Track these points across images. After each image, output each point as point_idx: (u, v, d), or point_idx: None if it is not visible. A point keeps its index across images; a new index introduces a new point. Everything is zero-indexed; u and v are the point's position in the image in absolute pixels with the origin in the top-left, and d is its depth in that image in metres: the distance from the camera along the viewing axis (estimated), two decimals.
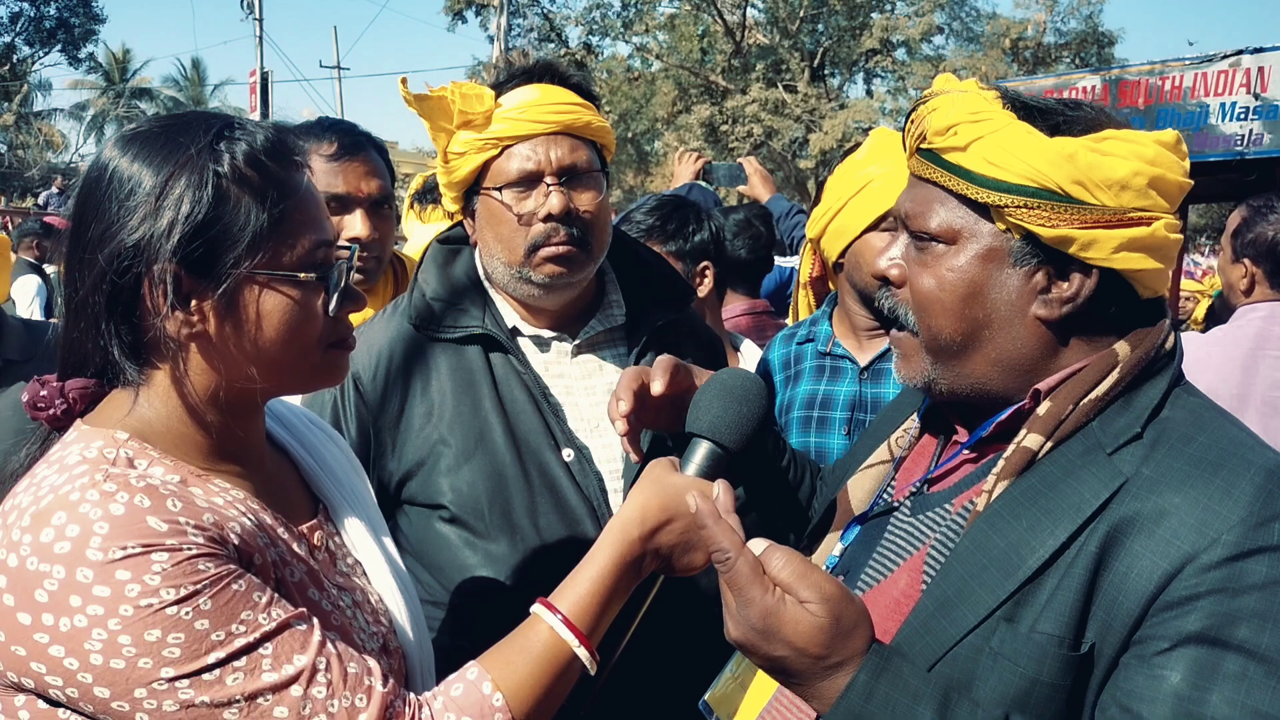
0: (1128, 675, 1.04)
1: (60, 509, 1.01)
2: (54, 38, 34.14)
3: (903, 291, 1.25)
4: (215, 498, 1.14)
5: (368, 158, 2.34)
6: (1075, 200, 1.11)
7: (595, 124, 1.85)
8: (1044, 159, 1.11)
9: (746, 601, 1.06)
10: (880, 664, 1.05)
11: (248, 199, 1.11)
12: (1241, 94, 4.94)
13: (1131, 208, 1.12)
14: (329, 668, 1.08)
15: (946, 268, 1.19)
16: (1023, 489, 1.14)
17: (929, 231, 1.20)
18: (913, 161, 1.25)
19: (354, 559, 1.36)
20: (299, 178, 1.18)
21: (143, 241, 1.08)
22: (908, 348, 1.26)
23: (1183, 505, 1.05)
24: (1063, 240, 1.13)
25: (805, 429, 2.34)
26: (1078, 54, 25.53)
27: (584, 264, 1.82)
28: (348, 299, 1.22)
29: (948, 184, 1.18)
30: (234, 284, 1.12)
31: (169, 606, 1.00)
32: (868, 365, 2.31)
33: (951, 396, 1.25)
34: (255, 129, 1.16)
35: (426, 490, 1.80)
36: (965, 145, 1.15)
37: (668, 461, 1.33)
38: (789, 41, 26.45)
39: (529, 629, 1.22)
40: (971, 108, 1.17)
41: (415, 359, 1.86)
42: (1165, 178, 1.13)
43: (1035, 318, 1.17)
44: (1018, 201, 1.12)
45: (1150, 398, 1.15)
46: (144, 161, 1.10)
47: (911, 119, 1.24)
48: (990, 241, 1.17)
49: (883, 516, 1.35)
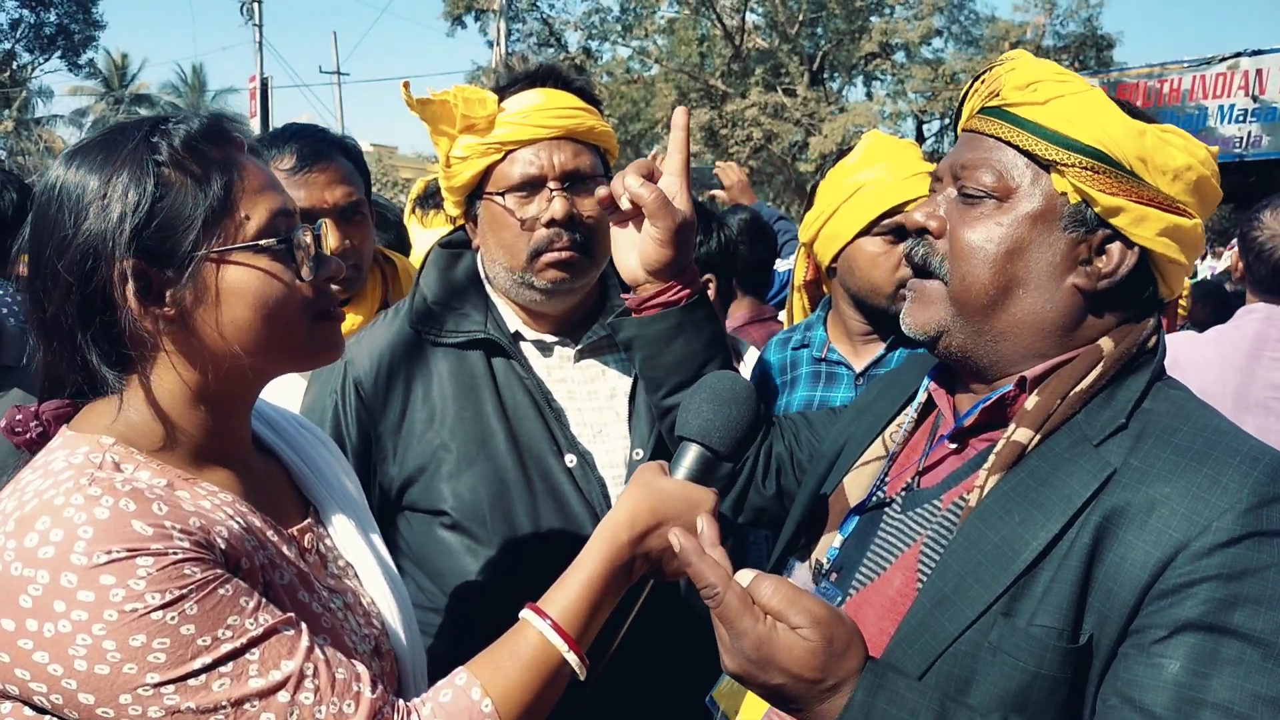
0: (1127, 665, 1.05)
1: (45, 514, 1.01)
2: (54, 44, 34.19)
3: (940, 243, 1.26)
4: (202, 501, 1.14)
5: (329, 165, 2.23)
6: (1136, 175, 1.16)
7: (598, 128, 1.84)
8: (1120, 128, 1.16)
9: (739, 633, 1.07)
10: (876, 681, 1.06)
11: (191, 182, 1.12)
12: (1240, 96, 4.96)
13: (1179, 198, 1.17)
14: (317, 673, 1.07)
15: (995, 221, 1.21)
16: (1013, 484, 1.16)
17: (984, 186, 1.22)
18: (975, 120, 1.27)
19: (345, 561, 1.35)
20: (240, 155, 1.18)
21: (98, 240, 1.09)
22: (931, 295, 1.26)
23: (1173, 495, 1.06)
24: (1116, 210, 1.16)
25: None
26: (1076, 57, 25.52)
27: (586, 270, 1.82)
28: (322, 265, 1.21)
29: (1014, 139, 1.20)
30: (197, 267, 1.12)
31: (154, 611, 0.99)
32: (863, 371, 2.30)
33: (960, 353, 1.26)
34: (189, 118, 1.17)
35: (428, 496, 1.79)
36: (1045, 100, 1.19)
37: (657, 465, 1.32)
38: (788, 45, 26.47)
39: (518, 634, 1.21)
40: (1054, 69, 1.22)
41: (417, 363, 1.86)
42: (1208, 182, 1.20)
43: (1072, 286, 1.20)
44: (1084, 163, 1.16)
45: (1132, 391, 1.18)
46: (87, 169, 1.12)
47: (982, 79, 1.27)
48: (1043, 203, 1.20)
49: (876, 511, 1.35)
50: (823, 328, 2.43)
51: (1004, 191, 1.21)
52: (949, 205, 1.26)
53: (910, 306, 1.29)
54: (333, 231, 2.22)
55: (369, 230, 2.36)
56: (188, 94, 41.93)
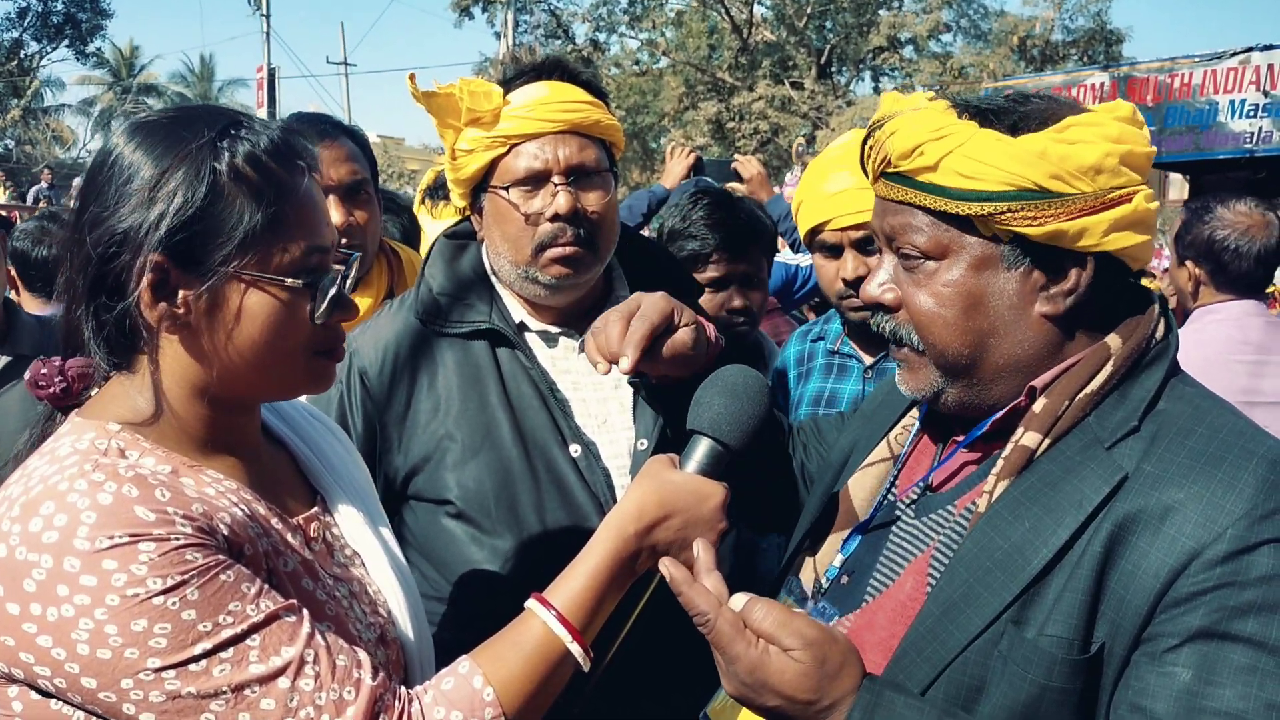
0: (1139, 674, 1.04)
1: (49, 499, 1.01)
2: (61, 33, 34.24)
3: (900, 314, 1.23)
4: (206, 488, 1.14)
5: (335, 143, 2.27)
6: (1056, 194, 1.10)
7: (604, 122, 1.83)
8: (1017, 161, 1.10)
9: (732, 658, 1.07)
10: (872, 700, 1.05)
11: (243, 198, 1.11)
12: (1251, 91, 4.92)
13: (1109, 188, 1.11)
14: (317, 660, 1.07)
15: (941, 283, 1.17)
16: (1023, 488, 1.14)
17: (917, 249, 1.18)
18: (880, 185, 1.22)
19: (352, 550, 1.35)
20: (300, 181, 1.17)
21: (131, 230, 1.09)
22: (915, 363, 1.24)
23: (1186, 501, 1.04)
24: (1054, 235, 1.12)
25: None
26: (1085, 51, 25.42)
27: (591, 264, 1.81)
28: (339, 307, 1.20)
29: (925, 203, 1.16)
30: (220, 281, 1.11)
31: (156, 596, 0.99)
32: (873, 364, 2.32)
33: (959, 408, 1.24)
34: (262, 129, 1.15)
35: (432, 486, 1.79)
36: (935, 163, 1.14)
37: (667, 458, 1.32)
38: (796, 38, 26.40)
39: (522, 624, 1.21)
40: (932, 125, 1.15)
41: (422, 354, 1.85)
42: (1134, 152, 1.13)
43: (1040, 316, 1.16)
44: (1001, 208, 1.11)
45: (1146, 389, 1.15)
46: (146, 151, 1.11)
47: (869, 145, 1.21)
48: (980, 250, 1.16)
49: (885, 522, 1.33)
50: (839, 321, 2.46)
51: (938, 251, 1.17)
52: (895, 271, 1.23)
53: (901, 374, 1.27)
54: (337, 208, 2.24)
55: (374, 211, 2.37)
56: (195, 84, 41.98)
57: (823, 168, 2.25)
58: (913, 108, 1.19)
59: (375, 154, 2.53)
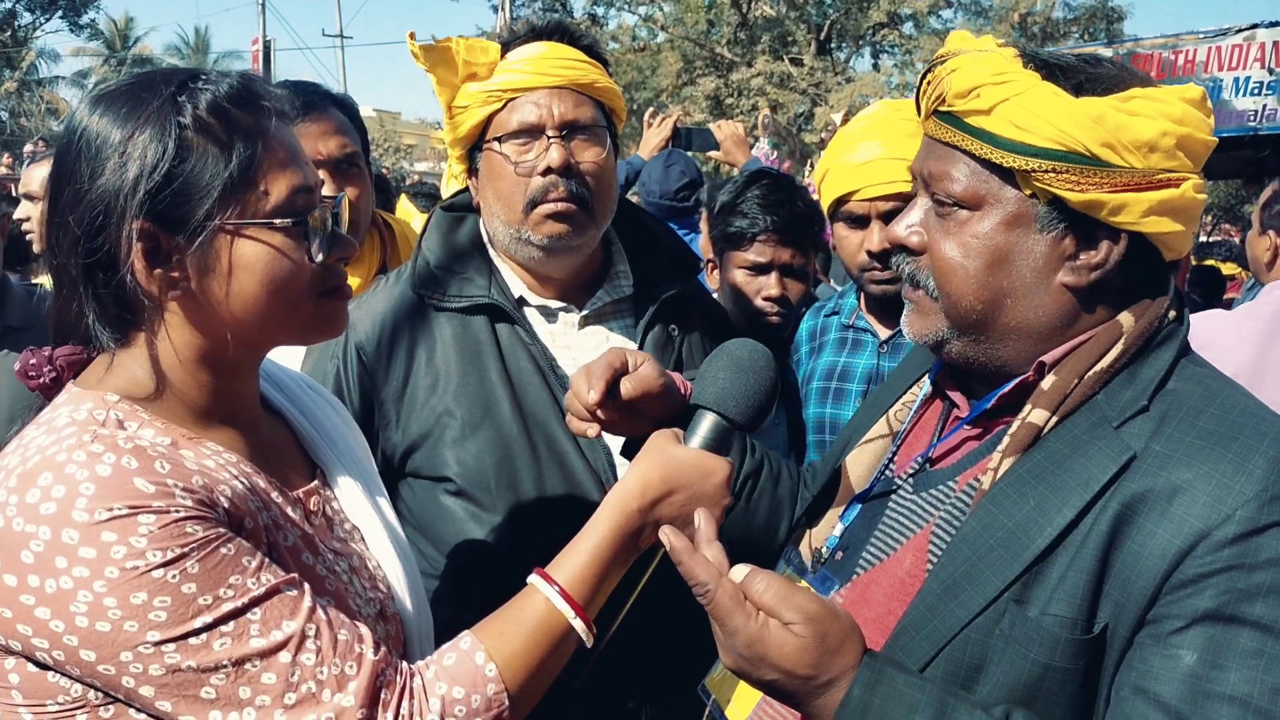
0: (1142, 655, 1.03)
1: (47, 470, 1.00)
2: (55, 4, 33.89)
3: (924, 258, 1.21)
4: (206, 460, 1.12)
5: (324, 116, 2.20)
6: (1104, 163, 1.08)
7: (601, 83, 1.81)
8: (1072, 121, 1.07)
9: (731, 631, 1.06)
10: (873, 677, 1.04)
11: (213, 148, 1.09)
12: (1256, 69, 4.89)
13: (1160, 169, 1.09)
14: (319, 634, 1.06)
15: (971, 234, 1.16)
16: (1029, 466, 1.12)
17: (952, 196, 1.16)
18: (929, 124, 1.20)
19: (352, 524, 1.34)
20: (268, 123, 1.15)
21: (110, 198, 1.07)
22: (925, 307, 1.23)
23: (1195, 481, 1.03)
24: (1092, 205, 1.09)
25: (823, 400, 2.37)
26: (1086, 29, 25.30)
27: (585, 226, 1.79)
28: (335, 245, 1.19)
29: (970, 148, 1.14)
30: (210, 236, 1.10)
31: (155, 569, 0.98)
32: (888, 339, 2.32)
33: (961, 359, 1.23)
34: (219, 78, 1.14)
35: (431, 463, 1.78)
36: (990, 108, 1.11)
37: (671, 433, 1.31)
38: (796, 14, 26.22)
39: (525, 599, 1.20)
40: (995, 68, 1.12)
41: (419, 328, 1.83)
42: (1193, 137, 1.10)
43: (1061, 285, 1.14)
44: (1045, 165, 1.09)
45: (1156, 369, 1.13)
46: (110, 118, 1.09)
47: (927, 79, 1.19)
48: (1016, 207, 1.13)
49: (883, 494, 1.32)
50: (854, 296, 2.46)
51: (974, 201, 1.15)
52: (926, 215, 1.21)
53: (908, 315, 1.26)
54: (328, 183, 2.19)
55: (366, 184, 2.32)
56: (190, 56, 41.66)
57: (850, 137, 2.22)
58: (979, 49, 1.17)
59: (371, 128, 2.48)
